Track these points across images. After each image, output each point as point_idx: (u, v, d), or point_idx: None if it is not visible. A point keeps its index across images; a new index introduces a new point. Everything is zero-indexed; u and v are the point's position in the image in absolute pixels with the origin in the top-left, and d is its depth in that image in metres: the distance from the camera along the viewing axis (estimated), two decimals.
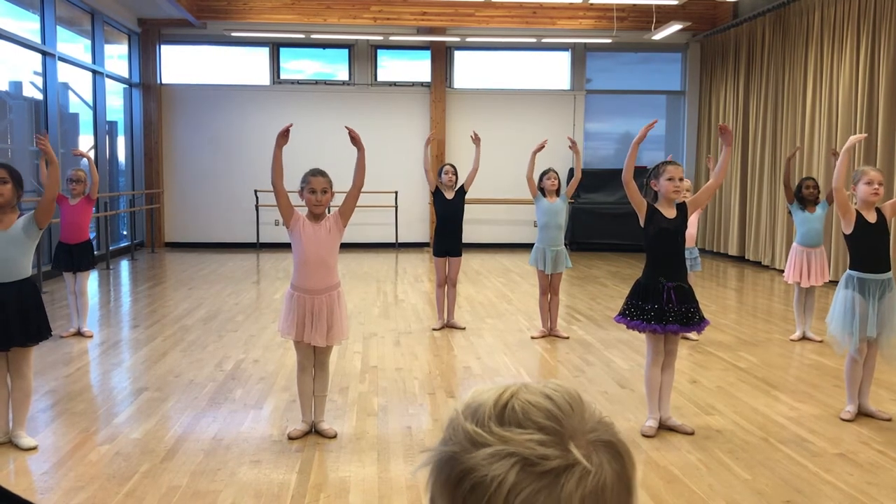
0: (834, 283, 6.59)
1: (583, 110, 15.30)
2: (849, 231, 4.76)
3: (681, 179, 4.48)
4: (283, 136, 4.43)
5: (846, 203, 4.77)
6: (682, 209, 4.54)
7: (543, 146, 7.16)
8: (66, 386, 5.47)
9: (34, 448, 4.23)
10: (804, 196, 6.87)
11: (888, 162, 9.29)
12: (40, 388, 5.28)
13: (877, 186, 4.71)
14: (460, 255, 7.48)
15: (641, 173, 6.41)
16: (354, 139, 4.52)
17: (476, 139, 7.41)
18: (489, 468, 0.72)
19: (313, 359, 4.48)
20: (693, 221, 4.63)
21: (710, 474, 3.95)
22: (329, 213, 4.51)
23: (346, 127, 4.61)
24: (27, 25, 10.75)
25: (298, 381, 4.52)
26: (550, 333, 7.17)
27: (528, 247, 7.64)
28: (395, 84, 15.22)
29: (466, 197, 7.42)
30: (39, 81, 10.94)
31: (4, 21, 10.07)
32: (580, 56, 15.23)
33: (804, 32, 11.39)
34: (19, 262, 4.22)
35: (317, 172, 4.42)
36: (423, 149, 7.58)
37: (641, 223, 4.51)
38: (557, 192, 7.12)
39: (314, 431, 4.50)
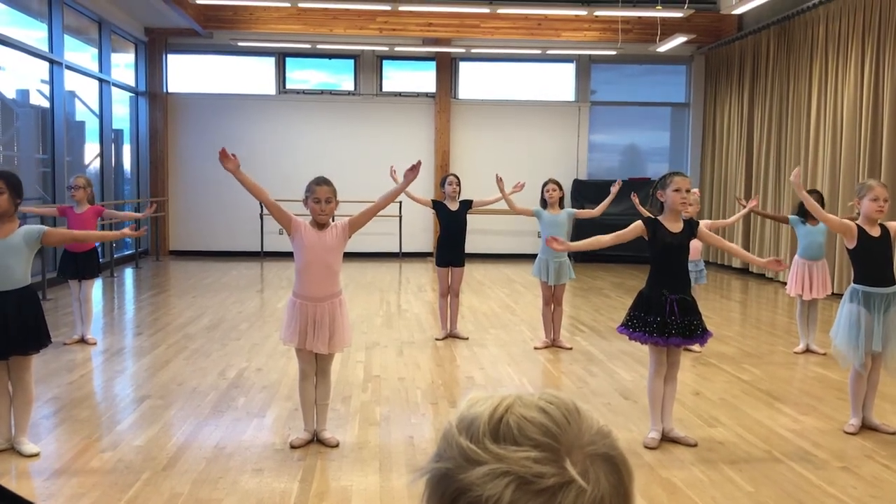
0: (836, 295, 6.57)
1: (587, 122, 15.33)
2: (851, 246, 4.75)
3: (688, 191, 4.48)
4: (226, 160, 4.23)
5: (841, 225, 4.78)
6: (691, 225, 4.54)
7: (499, 182, 7.04)
8: (69, 393, 5.47)
9: (36, 454, 4.23)
10: (807, 210, 6.83)
11: (893, 174, 9.28)
12: (43, 395, 5.29)
13: (882, 203, 4.68)
14: (463, 266, 7.49)
15: (645, 185, 6.43)
16: (414, 172, 4.57)
17: (507, 189, 7.12)
18: (484, 487, 0.72)
19: (315, 367, 4.48)
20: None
21: (714, 487, 3.93)
22: (334, 220, 4.50)
23: (419, 161, 4.69)
24: (34, 34, 10.81)
25: (300, 390, 4.52)
26: (554, 344, 7.16)
27: (531, 257, 7.63)
28: (399, 94, 15.26)
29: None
30: (46, 90, 10.99)
31: (12, 29, 10.13)
32: (585, 68, 15.27)
33: (808, 45, 11.41)
34: (18, 271, 4.20)
35: (321, 181, 4.42)
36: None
37: (647, 239, 4.51)
38: (560, 204, 7.11)
39: (316, 440, 4.50)
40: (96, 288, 10.24)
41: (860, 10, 10.10)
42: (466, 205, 7.38)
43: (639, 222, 4.51)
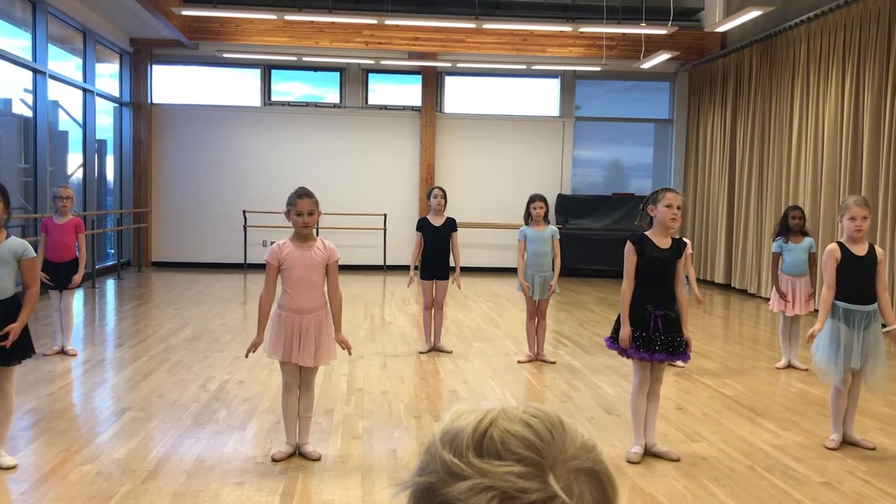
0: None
1: (571, 137, 15.40)
2: (839, 264, 4.78)
3: (679, 208, 4.49)
4: (254, 348, 4.52)
5: (828, 261, 4.77)
6: (679, 244, 4.56)
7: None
8: (49, 404, 5.41)
9: (14, 467, 4.17)
10: (790, 226, 6.91)
11: (872, 190, 9.37)
12: (22, 407, 5.22)
13: (859, 223, 4.72)
14: (447, 279, 7.49)
15: (628, 200, 6.46)
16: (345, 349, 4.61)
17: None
18: (467, 502, 0.71)
19: (299, 379, 4.47)
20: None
21: (696, 501, 3.94)
22: (318, 234, 4.50)
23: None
24: (18, 43, 10.74)
25: (283, 402, 4.50)
26: (537, 358, 7.16)
27: (516, 271, 7.63)
28: (385, 108, 15.28)
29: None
30: (30, 99, 10.92)
31: None
32: (570, 83, 15.36)
33: (791, 63, 11.54)
34: (6, 282, 4.17)
35: (303, 194, 4.42)
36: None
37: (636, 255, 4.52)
38: (546, 218, 7.11)
39: (298, 453, 4.47)
40: (77, 298, 10.15)
41: (841, 29, 10.24)
42: (451, 223, 7.42)
43: (629, 246, 4.52)
